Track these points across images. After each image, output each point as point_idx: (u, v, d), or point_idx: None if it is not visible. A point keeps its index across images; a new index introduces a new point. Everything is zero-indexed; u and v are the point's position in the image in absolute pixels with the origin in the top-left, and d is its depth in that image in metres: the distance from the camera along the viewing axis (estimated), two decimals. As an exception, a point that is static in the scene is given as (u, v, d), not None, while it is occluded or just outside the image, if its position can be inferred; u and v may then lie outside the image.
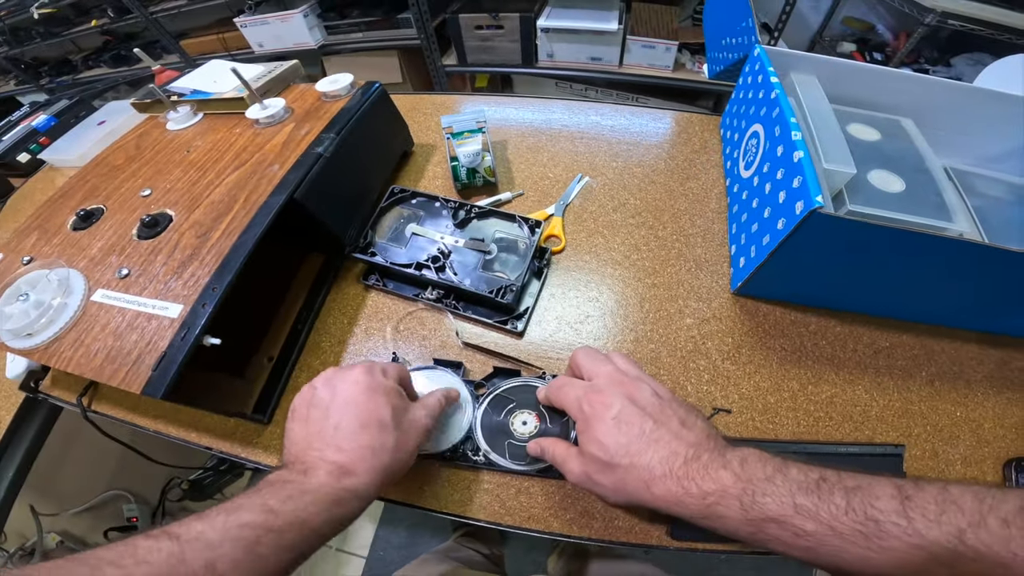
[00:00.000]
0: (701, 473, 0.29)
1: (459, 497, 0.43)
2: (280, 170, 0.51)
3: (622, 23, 1.44)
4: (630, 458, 0.31)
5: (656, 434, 0.32)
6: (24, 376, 0.54)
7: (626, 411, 0.33)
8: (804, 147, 0.44)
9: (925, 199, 0.51)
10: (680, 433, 0.32)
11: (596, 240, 0.58)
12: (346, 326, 0.54)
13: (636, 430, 0.32)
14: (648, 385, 0.35)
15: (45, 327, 0.41)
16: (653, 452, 0.31)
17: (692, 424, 0.33)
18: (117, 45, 2.03)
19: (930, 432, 0.44)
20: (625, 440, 0.32)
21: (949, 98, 0.60)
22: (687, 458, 0.30)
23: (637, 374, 0.37)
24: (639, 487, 0.31)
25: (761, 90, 0.57)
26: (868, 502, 0.25)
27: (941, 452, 0.43)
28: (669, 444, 0.31)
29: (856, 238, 0.41)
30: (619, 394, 0.34)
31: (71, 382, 0.54)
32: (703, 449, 0.31)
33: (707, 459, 0.30)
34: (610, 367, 0.37)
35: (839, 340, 0.49)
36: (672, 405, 0.34)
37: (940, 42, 1.51)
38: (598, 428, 0.33)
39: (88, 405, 0.52)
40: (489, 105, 0.77)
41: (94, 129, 0.86)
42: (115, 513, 0.99)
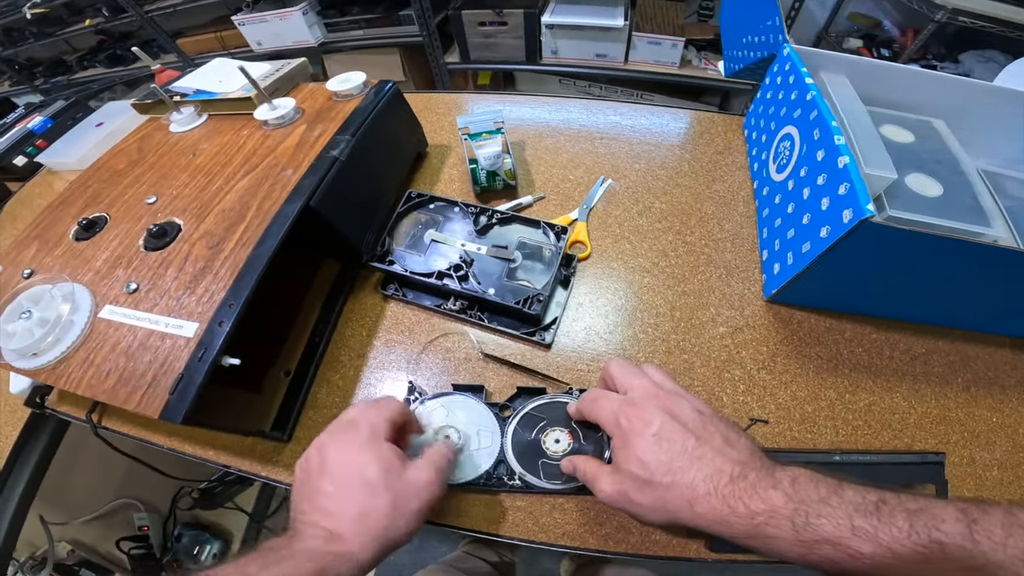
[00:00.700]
0: (749, 492, 0.28)
1: (491, 515, 0.42)
2: (294, 175, 0.49)
3: (627, 19, 1.41)
4: (672, 476, 0.30)
5: (699, 451, 0.30)
6: (29, 392, 0.51)
7: (667, 427, 0.32)
8: (848, 152, 0.42)
9: (962, 203, 0.50)
10: (724, 451, 0.30)
11: (623, 246, 0.56)
12: (365, 338, 0.52)
13: (678, 447, 0.31)
14: (687, 400, 0.34)
15: (52, 346, 0.39)
16: (696, 470, 0.30)
17: (736, 442, 0.31)
18: (112, 45, 1.99)
19: (967, 438, 0.44)
20: (667, 457, 0.31)
21: (979, 99, 0.58)
22: (733, 476, 0.29)
23: (674, 388, 0.35)
24: (681, 506, 0.30)
25: (794, 91, 0.55)
26: (932, 525, 0.24)
27: (978, 458, 0.43)
28: (713, 462, 0.30)
29: (903, 246, 0.40)
30: (658, 409, 0.33)
31: (79, 397, 0.51)
32: (749, 468, 0.29)
33: (754, 478, 0.29)
34: (646, 380, 0.35)
35: (875, 347, 0.48)
36: (714, 421, 0.33)
37: (948, 38, 1.50)
38: (637, 444, 0.32)
39: (98, 421, 0.49)
40: (503, 104, 0.75)
41: (92, 131, 0.83)
42: (125, 522, 0.97)
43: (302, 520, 0.32)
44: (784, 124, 0.56)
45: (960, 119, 0.59)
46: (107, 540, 0.93)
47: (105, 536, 0.93)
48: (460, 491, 0.42)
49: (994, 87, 0.58)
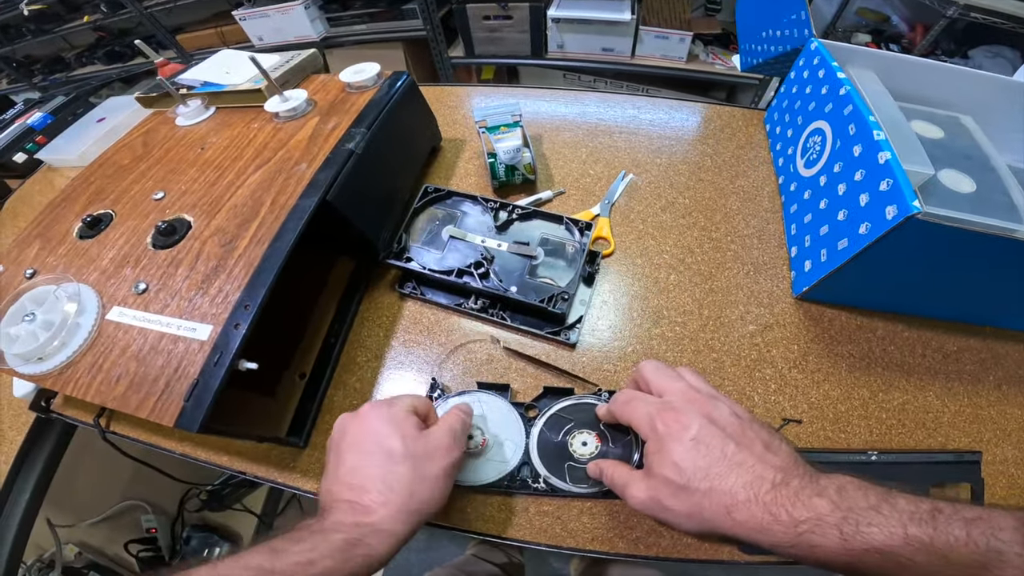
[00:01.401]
0: (792, 500, 0.27)
1: (517, 520, 0.40)
2: (308, 169, 0.47)
3: (634, 13, 1.39)
4: (709, 482, 0.29)
5: (739, 457, 0.29)
6: (34, 396, 0.50)
7: (705, 431, 0.30)
8: (890, 148, 0.41)
9: (995, 200, 0.48)
10: (765, 457, 0.29)
11: (647, 242, 0.55)
12: (383, 339, 0.50)
13: (717, 452, 0.30)
14: (725, 404, 0.33)
15: (57, 350, 0.37)
16: (736, 476, 0.29)
17: (777, 448, 0.30)
18: (110, 41, 1.95)
19: (1000, 437, 0.43)
20: (704, 463, 0.29)
21: (1005, 95, 0.58)
22: (775, 483, 0.28)
23: (711, 391, 0.34)
24: (718, 513, 0.28)
25: (824, 86, 0.54)
26: (991, 533, 0.23)
27: (1011, 456, 0.42)
28: (754, 468, 0.29)
29: (945, 243, 0.39)
30: (696, 413, 0.31)
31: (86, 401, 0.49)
32: (792, 475, 0.28)
33: (797, 485, 0.27)
34: (682, 384, 0.34)
35: (907, 345, 0.47)
36: (753, 426, 0.31)
37: (957, 34, 1.49)
38: (674, 449, 0.30)
39: (106, 426, 0.48)
40: (517, 98, 0.73)
41: (94, 126, 0.81)
42: (133, 524, 0.96)
43: (329, 499, 0.32)
44: (813, 119, 0.55)
45: (987, 115, 0.58)
46: (115, 543, 0.92)
47: (113, 538, 0.92)
48: (483, 494, 0.41)
49: (1019, 83, 0.57)
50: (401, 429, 0.34)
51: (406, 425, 0.35)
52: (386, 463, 0.32)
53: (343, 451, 0.34)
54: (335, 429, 0.36)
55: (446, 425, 0.37)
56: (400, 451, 0.33)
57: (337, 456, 0.34)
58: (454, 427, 0.37)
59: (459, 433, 0.37)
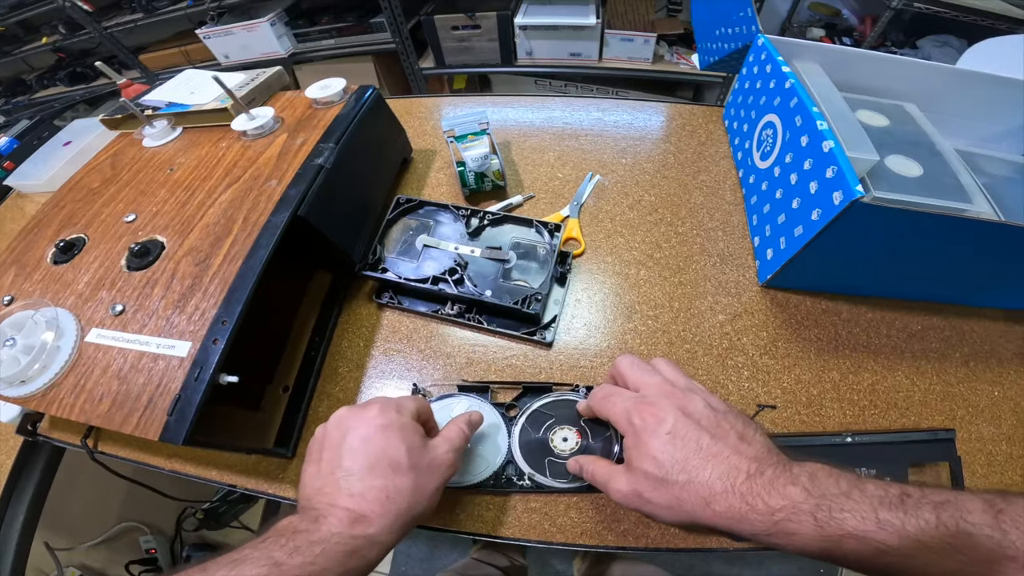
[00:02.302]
0: (767, 489, 0.28)
1: (507, 519, 0.41)
2: (279, 185, 0.47)
3: (599, 17, 1.43)
4: (687, 474, 0.30)
5: (714, 448, 0.30)
6: (20, 419, 0.50)
7: (680, 425, 0.31)
8: (833, 136, 0.43)
9: (943, 182, 0.51)
10: (739, 448, 0.30)
11: (616, 240, 0.56)
12: (363, 349, 0.51)
13: (693, 445, 0.30)
14: (700, 397, 0.33)
15: (39, 373, 0.37)
16: (712, 468, 0.29)
17: (751, 438, 0.31)
18: (72, 62, 1.92)
19: (972, 413, 0.44)
20: (681, 455, 0.30)
21: (946, 82, 0.61)
22: (749, 473, 0.29)
23: (687, 384, 0.35)
24: (697, 504, 0.29)
25: (772, 80, 0.56)
26: (959, 516, 0.24)
27: (985, 433, 0.43)
28: (729, 459, 0.29)
29: (892, 225, 0.41)
30: (672, 407, 0.32)
31: (73, 422, 0.49)
32: (766, 464, 0.29)
33: (771, 474, 0.28)
34: (658, 378, 0.35)
35: (872, 326, 0.49)
36: (728, 418, 0.32)
37: (904, 25, 1.55)
38: (651, 443, 0.31)
39: (94, 446, 0.48)
40: (485, 106, 0.74)
41: (60, 150, 0.80)
42: (131, 545, 0.95)
43: (324, 501, 0.31)
44: (765, 112, 0.57)
45: (930, 102, 0.61)
46: (116, 564, 0.91)
47: (113, 560, 0.91)
48: (471, 494, 0.42)
49: (960, 70, 0.60)
50: (408, 440, 0.33)
51: (413, 436, 0.34)
52: (390, 475, 0.32)
53: (343, 452, 0.33)
54: (333, 423, 0.35)
55: (449, 441, 0.36)
56: (405, 464, 0.32)
57: (335, 455, 0.33)
58: (456, 443, 0.37)
59: (461, 448, 0.37)
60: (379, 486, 0.31)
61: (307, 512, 0.31)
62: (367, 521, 0.30)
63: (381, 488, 0.31)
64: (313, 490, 0.32)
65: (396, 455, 0.32)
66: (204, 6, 1.58)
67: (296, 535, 0.29)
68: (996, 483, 0.41)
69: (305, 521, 0.30)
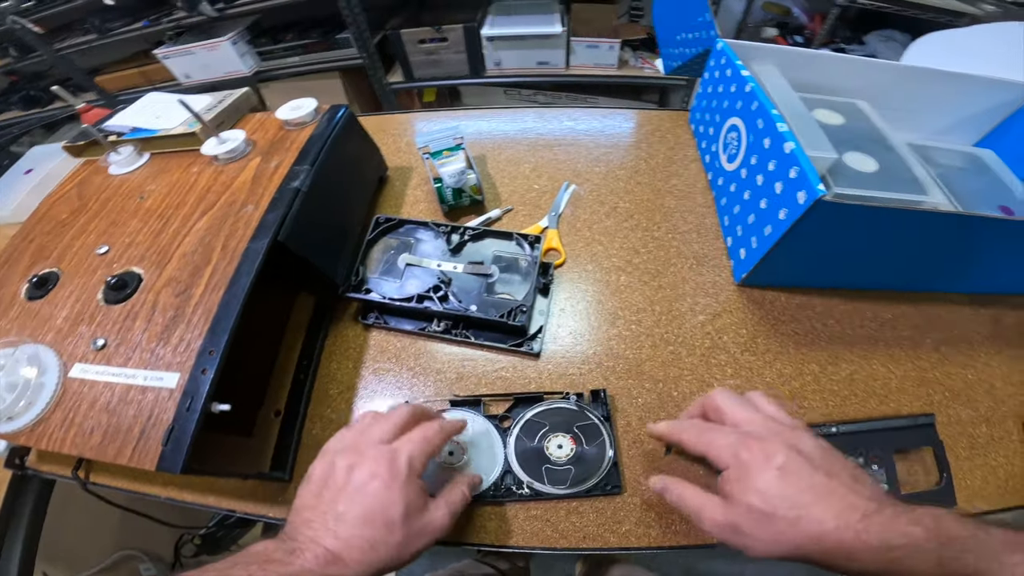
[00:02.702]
0: (886, 527, 0.28)
1: (509, 528, 0.41)
2: (256, 210, 0.47)
3: (564, 25, 1.45)
4: (797, 511, 0.29)
5: (829, 486, 0.30)
6: (6, 453, 0.49)
7: (792, 462, 0.31)
8: (794, 138, 0.45)
9: (898, 175, 0.54)
10: (855, 488, 0.30)
11: (595, 248, 0.58)
12: (352, 370, 0.50)
13: (806, 482, 0.30)
14: (808, 435, 0.33)
15: (25, 409, 0.37)
16: (827, 505, 0.29)
17: (864, 479, 0.31)
18: (25, 86, 1.84)
19: (949, 398, 0.46)
20: (792, 492, 0.30)
21: (895, 78, 0.64)
22: (866, 512, 0.29)
23: (792, 422, 0.35)
24: (805, 541, 0.29)
25: (733, 84, 0.58)
26: None
27: (964, 416, 0.45)
28: (845, 497, 0.29)
29: (856, 220, 0.43)
30: (781, 443, 0.32)
31: (60, 455, 0.49)
32: (885, 504, 0.29)
33: (891, 513, 0.28)
34: (760, 414, 0.35)
35: (845, 317, 0.51)
36: (839, 458, 0.32)
37: (851, 21, 1.62)
38: (759, 478, 0.31)
39: (86, 477, 0.47)
40: (458, 120, 0.75)
41: (22, 179, 0.77)
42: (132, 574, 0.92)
43: (307, 535, 0.31)
44: (728, 116, 0.59)
45: (880, 98, 0.64)
46: None
47: None
48: (473, 504, 0.42)
49: (908, 67, 0.64)
50: (408, 500, 0.33)
51: (415, 498, 0.34)
52: (381, 529, 0.32)
53: (342, 496, 0.32)
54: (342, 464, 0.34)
55: (451, 505, 0.36)
56: (399, 523, 0.32)
57: (334, 496, 0.33)
58: (456, 508, 0.36)
59: (459, 513, 0.37)
60: (367, 536, 0.31)
61: (286, 541, 0.31)
62: (343, 563, 0.30)
63: (368, 539, 0.31)
64: (302, 520, 0.32)
65: (392, 514, 0.32)
66: (161, 26, 1.54)
67: (269, 564, 0.29)
68: (980, 465, 0.43)
69: (281, 551, 0.30)
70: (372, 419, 0.38)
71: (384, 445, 0.35)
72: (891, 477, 0.41)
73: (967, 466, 0.43)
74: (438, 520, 0.35)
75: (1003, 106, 0.64)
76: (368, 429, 0.37)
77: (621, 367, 0.48)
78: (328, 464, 0.35)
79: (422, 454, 0.36)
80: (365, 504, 0.32)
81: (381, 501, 0.32)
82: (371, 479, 0.33)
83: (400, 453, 0.34)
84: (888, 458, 0.42)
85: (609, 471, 0.42)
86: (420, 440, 0.36)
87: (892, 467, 0.41)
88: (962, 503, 0.41)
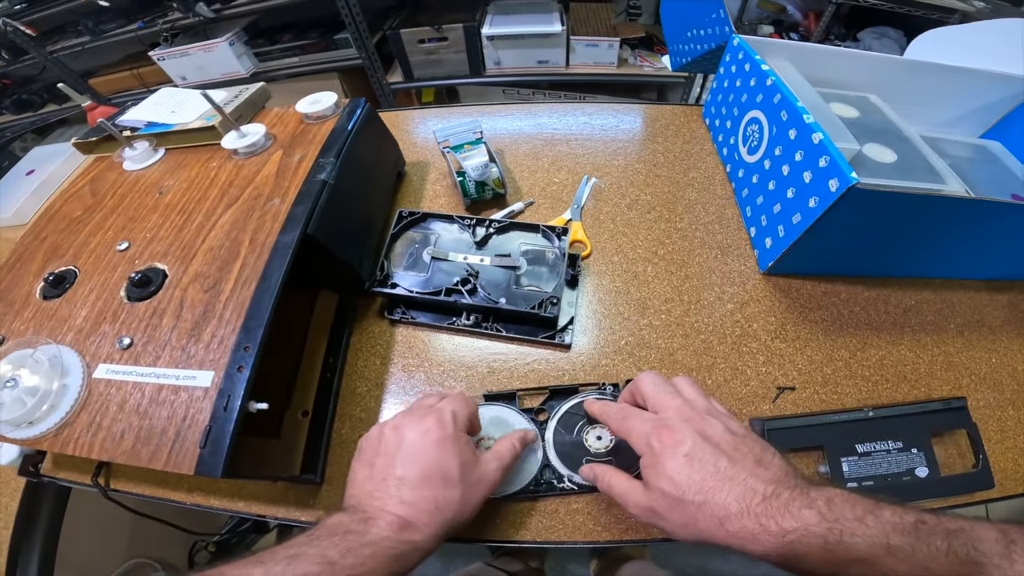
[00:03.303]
0: (782, 511, 0.28)
1: (550, 523, 0.41)
2: (283, 204, 0.46)
3: (564, 24, 1.46)
4: (703, 495, 0.30)
5: (731, 471, 0.30)
6: (20, 461, 0.47)
7: (698, 448, 0.32)
8: (821, 129, 0.46)
9: (916, 166, 0.55)
10: (756, 471, 0.30)
11: (620, 240, 0.58)
12: (380, 367, 0.49)
13: (710, 467, 0.31)
14: (720, 420, 0.34)
15: (48, 414, 0.35)
16: (729, 489, 0.30)
17: (769, 462, 0.31)
18: (17, 89, 1.80)
19: (975, 382, 0.47)
20: (698, 477, 0.31)
21: (901, 73, 0.65)
22: (766, 495, 0.29)
23: (707, 407, 0.35)
24: (711, 525, 0.30)
25: (752, 78, 0.59)
26: (971, 545, 0.25)
27: (992, 400, 0.46)
28: (746, 482, 0.30)
29: (885, 207, 0.43)
30: (690, 430, 0.33)
31: (77, 461, 0.47)
32: (783, 487, 0.29)
33: (788, 497, 0.29)
34: (679, 400, 0.35)
35: (870, 304, 0.52)
36: (747, 441, 0.32)
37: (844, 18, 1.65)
38: (668, 464, 0.32)
39: (106, 484, 0.45)
40: (472, 115, 0.74)
41: (24, 180, 0.75)
42: None
43: (375, 505, 0.32)
44: (748, 109, 0.60)
45: (889, 92, 0.65)
46: None
47: None
48: (512, 503, 0.41)
49: (914, 62, 0.65)
50: (461, 454, 0.34)
51: (466, 450, 0.35)
52: (441, 487, 0.33)
53: (398, 460, 0.33)
54: (390, 428, 0.36)
55: (500, 458, 0.37)
56: (456, 477, 0.33)
57: (389, 462, 0.34)
58: (506, 460, 0.38)
59: (510, 466, 0.38)
60: (430, 496, 0.32)
61: (357, 512, 0.32)
62: (414, 528, 0.31)
63: (431, 499, 0.32)
64: (364, 492, 0.33)
65: (449, 468, 0.33)
66: (156, 28, 1.52)
67: (348, 535, 0.30)
68: (1011, 448, 0.44)
69: (355, 522, 0.31)
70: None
71: (427, 407, 0.37)
72: (930, 460, 0.41)
73: (999, 449, 0.44)
74: (491, 472, 0.36)
75: (1007, 99, 0.65)
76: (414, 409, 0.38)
77: (654, 357, 0.48)
78: (378, 433, 0.36)
79: (465, 410, 0.38)
80: (422, 463, 0.33)
81: (436, 458, 0.33)
82: (423, 436, 0.34)
83: (444, 410, 0.36)
84: (926, 441, 0.42)
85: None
86: (459, 398, 0.38)
87: (930, 450, 0.42)
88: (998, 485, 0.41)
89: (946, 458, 0.43)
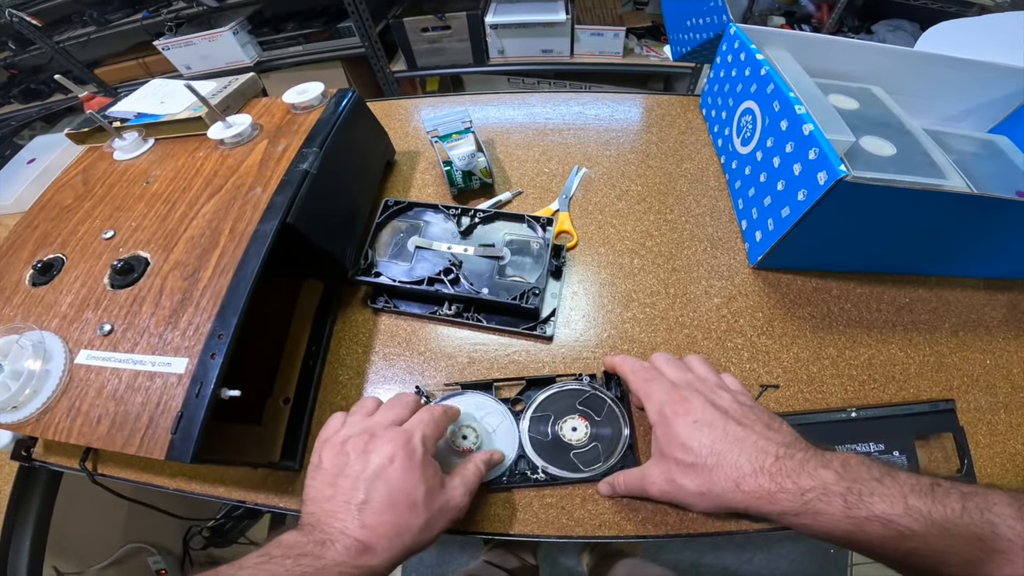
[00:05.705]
0: (797, 470, 0.29)
1: (523, 516, 0.41)
2: (264, 193, 0.46)
3: (569, 13, 1.44)
4: (716, 457, 0.31)
5: (741, 434, 0.32)
6: (12, 445, 0.48)
7: (707, 413, 0.33)
8: (812, 120, 0.45)
9: (916, 159, 0.53)
10: (767, 434, 0.32)
11: (607, 231, 0.57)
12: (362, 355, 0.50)
13: (720, 431, 0.32)
14: (729, 394, 0.35)
15: (31, 398, 0.36)
16: (740, 451, 0.31)
17: (779, 427, 0.33)
18: (24, 79, 1.83)
19: (968, 383, 0.46)
20: (708, 440, 0.32)
21: (909, 65, 0.63)
22: (778, 456, 0.30)
23: (717, 381, 0.37)
24: (728, 486, 0.30)
25: (747, 68, 0.57)
26: (985, 507, 0.25)
27: (983, 402, 0.44)
28: (756, 443, 0.31)
29: (876, 201, 0.42)
30: (700, 398, 0.34)
31: (67, 446, 0.48)
32: (796, 448, 0.30)
33: (802, 457, 0.30)
34: (691, 375, 0.37)
35: (862, 301, 0.50)
36: (755, 409, 0.34)
37: (858, 10, 1.61)
38: (680, 432, 0.33)
39: (94, 469, 0.46)
40: (464, 105, 0.74)
41: (24, 168, 0.76)
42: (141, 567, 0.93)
43: (335, 527, 0.31)
44: (743, 100, 0.58)
45: (894, 84, 0.63)
46: None
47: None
48: (486, 492, 0.41)
49: (922, 53, 0.63)
50: (427, 481, 0.33)
51: (432, 478, 0.34)
52: (406, 513, 0.32)
53: (362, 483, 0.32)
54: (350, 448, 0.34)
55: (466, 484, 0.36)
56: (422, 504, 0.33)
57: (353, 484, 0.32)
58: (472, 485, 0.37)
59: (475, 490, 0.37)
60: (391, 522, 0.32)
61: (314, 532, 0.31)
62: (373, 552, 0.30)
63: (393, 524, 0.32)
64: (324, 511, 0.32)
65: (415, 495, 0.33)
66: (161, 17, 1.52)
67: (301, 558, 0.29)
68: (1000, 452, 0.42)
69: (311, 543, 0.30)
70: (374, 404, 0.39)
71: (396, 427, 0.35)
72: (912, 463, 0.40)
73: (987, 453, 0.42)
74: (456, 499, 0.35)
75: (1018, 93, 0.63)
76: (376, 414, 0.37)
77: (636, 351, 0.48)
78: (339, 451, 0.35)
79: (433, 434, 0.36)
80: (387, 490, 0.32)
81: (402, 484, 0.33)
82: (390, 462, 0.33)
83: (414, 434, 0.35)
84: (909, 444, 0.41)
85: (625, 454, 0.42)
86: (429, 420, 0.37)
87: (913, 453, 0.41)
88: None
89: (930, 462, 0.42)
